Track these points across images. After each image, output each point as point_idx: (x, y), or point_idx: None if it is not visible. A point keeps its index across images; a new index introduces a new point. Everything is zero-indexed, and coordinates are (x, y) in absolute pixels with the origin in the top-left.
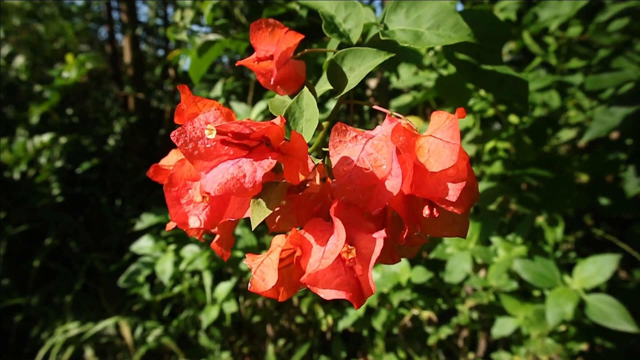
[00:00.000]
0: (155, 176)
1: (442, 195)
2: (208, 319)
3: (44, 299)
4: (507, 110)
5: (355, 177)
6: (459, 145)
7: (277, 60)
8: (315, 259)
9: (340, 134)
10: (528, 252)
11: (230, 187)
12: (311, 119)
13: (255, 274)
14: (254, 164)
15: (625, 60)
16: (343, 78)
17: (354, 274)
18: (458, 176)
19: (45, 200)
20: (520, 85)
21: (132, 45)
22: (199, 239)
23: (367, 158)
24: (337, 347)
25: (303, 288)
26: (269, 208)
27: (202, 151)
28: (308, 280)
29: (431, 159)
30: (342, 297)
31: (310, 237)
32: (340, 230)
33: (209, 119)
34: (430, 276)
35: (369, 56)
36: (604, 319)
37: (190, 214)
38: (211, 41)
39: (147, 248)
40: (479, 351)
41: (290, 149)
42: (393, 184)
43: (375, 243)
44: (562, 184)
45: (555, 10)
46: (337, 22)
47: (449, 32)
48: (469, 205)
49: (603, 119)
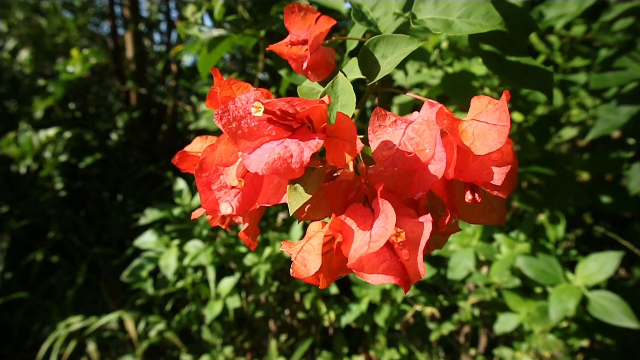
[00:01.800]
0: (181, 163)
1: (487, 180)
2: (212, 313)
3: (46, 293)
4: (511, 108)
5: (398, 161)
6: (509, 127)
7: (310, 44)
8: (361, 244)
9: (380, 118)
10: (531, 249)
11: (277, 167)
12: (347, 104)
13: (296, 260)
14: (301, 144)
15: (628, 59)
16: (375, 65)
17: (399, 259)
18: (503, 160)
19: (48, 195)
20: (545, 77)
21: (134, 40)
22: (225, 229)
23: (409, 142)
24: (339, 342)
25: (342, 275)
26: (307, 193)
27: (246, 130)
28: (354, 265)
29: (476, 142)
30: (390, 281)
31: (351, 222)
32: (390, 213)
33: (252, 98)
34: (433, 272)
35: (402, 43)
36: (606, 316)
37: (221, 200)
38: (221, 36)
39: (150, 243)
40: (480, 347)
41: (335, 130)
42: (437, 168)
43: (423, 227)
44: (563, 182)
45: (561, 10)
46: (365, 10)
47: (481, 21)
48: (510, 190)
49: (608, 117)
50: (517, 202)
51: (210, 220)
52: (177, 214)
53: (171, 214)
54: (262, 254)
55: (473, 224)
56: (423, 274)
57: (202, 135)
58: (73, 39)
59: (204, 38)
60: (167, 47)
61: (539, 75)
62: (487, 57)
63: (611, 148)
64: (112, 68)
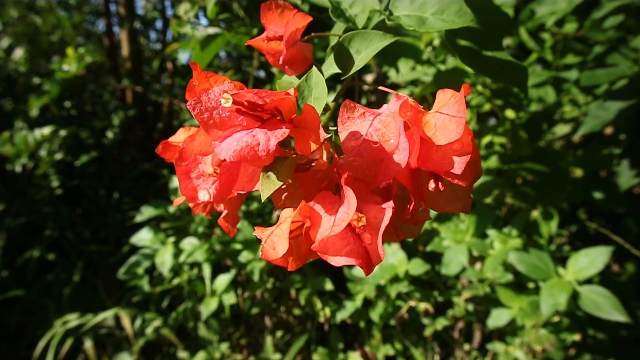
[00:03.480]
0: (164, 152)
1: (448, 169)
2: (207, 310)
3: (43, 291)
4: (503, 105)
5: (364, 151)
6: (465, 119)
7: (286, 40)
8: (326, 228)
9: (349, 110)
10: (523, 244)
11: (245, 155)
12: (320, 97)
13: (265, 244)
14: (268, 133)
15: (619, 56)
16: (350, 60)
17: (362, 243)
18: (463, 150)
19: (44, 193)
20: (520, 72)
21: (129, 38)
22: (205, 215)
23: (375, 133)
24: (334, 338)
25: (311, 259)
26: (278, 181)
27: (217, 120)
28: (319, 247)
29: (438, 132)
30: (351, 263)
31: (319, 208)
32: (351, 199)
33: (223, 90)
34: (427, 268)
35: (375, 39)
36: (597, 310)
37: (199, 187)
38: (214, 35)
39: (146, 240)
40: (474, 342)
41: (302, 121)
42: (401, 157)
43: (385, 213)
44: (556, 178)
45: (552, 7)
46: (344, 7)
47: (453, 17)
48: (472, 180)
49: (597, 114)
50: (510, 198)
51: (192, 208)
52: (172, 212)
53: (167, 211)
54: (257, 250)
55: (440, 212)
56: (382, 257)
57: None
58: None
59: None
60: (162, 45)
61: (514, 70)
62: (464, 53)
63: (604, 144)
64: (108, 66)
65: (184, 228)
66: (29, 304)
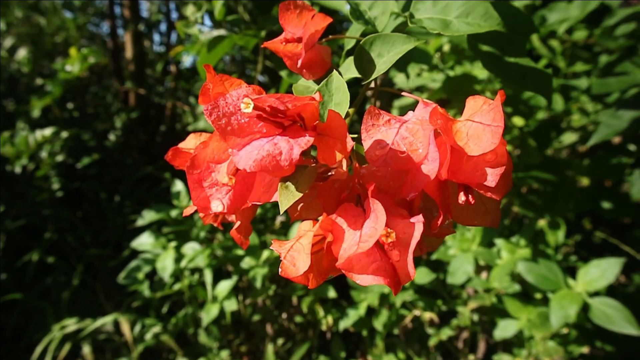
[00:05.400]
0: (174, 159)
1: (480, 181)
2: (208, 317)
3: (41, 295)
4: (512, 112)
5: (390, 161)
6: (502, 128)
7: (305, 42)
8: (351, 244)
9: (374, 117)
10: (532, 254)
11: (266, 164)
12: (341, 102)
13: (285, 259)
14: (291, 141)
15: (631, 64)
16: (371, 64)
17: (389, 260)
18: (497, 161)
19: (45, 195)
20: (544, 79)
21: (133, 40)
22: (216, 226)
23: (403, 142)
24: (336, 347)
25: (332, 276)
26: (298, 192)
27: (236, 127)
28: (344, 265)
29: (470, 142)
30: (379, 282)
31: (342, 222)
32: (380, 213)
33: (242, 94)
34: (433, 277)
35: (398, 42)
36: (608, 322)
37: (212, 197)
38: (221, 36)
39: (147, 244)
40: (478, 353)
41: (326, 128)
42: (430, 168)
43: (414, 228)
44: (564, 187)
45: (564, 14)
46: (363, 9)
47: (479, 21)
48: (505, 192)
49: (610, 122)
50: (517, 207)
51: (203, 217)
52: (174, 216)
53: (168, 215)
54: (259, 257)
55: (467, 226)
56: (413, 275)
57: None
58: (72, 38)
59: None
60: (166, 48)
61: (538, 77)
62: (486, 59)
63: (611, 154)
64: (111, 68)
65: (186, 233)
66: (27, 307)
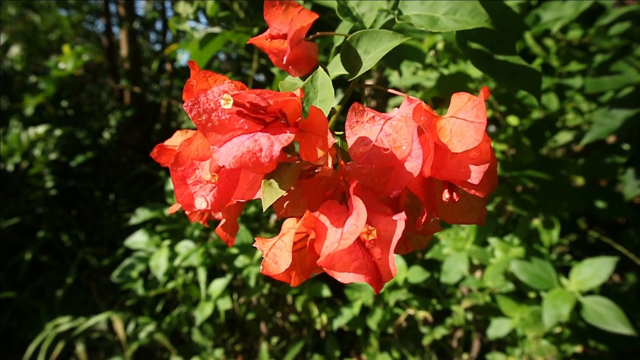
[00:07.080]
0: (159, 157)
1: (464, 178)
2: (202, 315)
3: (35, 293)
4: (506, 111)
5: (373, 158)
6: (485, 124)
7: (290, 38)
8: (332, 241)
9: (358, 114)
10: (525, 253)
11: (246, 161)
12: (326, 99)
13: (267, 257)
14: (271, 137)
15: (624, 64)
16: (357, 61)
17: (371, 258)
18: (481, 158)
19: (38, 193)
20: (534, 77)
21: (129, 38)
22: (202, 223)
23: (386, 139)
24: (330, 345)
25: (315, 274)
26: (281, 189)
27: (216, 123)
28: (325, 262)
29: (454, 139)
30: (360, 280)
31: (325, 219)
32: (361, 210)
33: (223, 90)
34: (427, 276)
35: (385, 38)
36: (600, 322)
37: (196, 194)
38: (213, 33)
39: (141, 243)
40: (472, 352)
41: (308, 124)
42: (413, 165)
43: (396, 225)
44: (558, 186)
45: (558, 13)
46: (350, 6)
47: (467, 18)
48: (489, 190)
49: (604, 122)
50: (511, 206)
51: (189, 215)
52: (168, 214)
53: (162, 214)
54: (253, 255)
55: (455, 224)
56: (394, 273)
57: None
58: (67, 36)
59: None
60: (162, 46)
61: (528, 75)
62: (476, 56)
63: (606, 153)
64: (106, 66)
65: (180, 231)
66: (20, 306)
